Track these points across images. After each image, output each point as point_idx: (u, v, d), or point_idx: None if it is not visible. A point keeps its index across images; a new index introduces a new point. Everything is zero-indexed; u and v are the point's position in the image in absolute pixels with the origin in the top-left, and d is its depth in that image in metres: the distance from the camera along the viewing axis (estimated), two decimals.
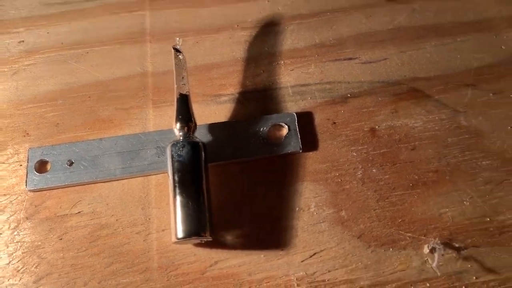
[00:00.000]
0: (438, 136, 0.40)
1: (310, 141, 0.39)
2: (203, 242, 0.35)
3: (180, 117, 0.36)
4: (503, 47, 0.44)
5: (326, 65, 0.43)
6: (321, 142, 0.39)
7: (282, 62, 0.43)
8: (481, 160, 0.39)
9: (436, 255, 0.35)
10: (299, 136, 0.39)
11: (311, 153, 0.39)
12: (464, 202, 0.37)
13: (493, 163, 0.38)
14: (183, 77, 0.38)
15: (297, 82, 0.42)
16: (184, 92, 0.37)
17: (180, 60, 0.39)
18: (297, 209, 0.37)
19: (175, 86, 0.38)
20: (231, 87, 0.42)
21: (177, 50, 0.40)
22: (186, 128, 0.36)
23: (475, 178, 0.38)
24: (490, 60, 0.43)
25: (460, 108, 0.41)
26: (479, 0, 0.47)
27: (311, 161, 0.38)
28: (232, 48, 0.44)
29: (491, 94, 0.42)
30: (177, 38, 0.41)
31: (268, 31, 0.45)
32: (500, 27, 0.45)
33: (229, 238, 0.36)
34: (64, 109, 0.41)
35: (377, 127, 0.40)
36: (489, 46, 0.44)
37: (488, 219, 0.36)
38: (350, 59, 0.43)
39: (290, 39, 0.45)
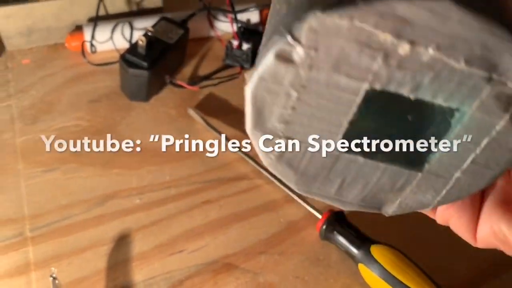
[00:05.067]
0: None
1: None
2: None
3: None
4: (281, 220, 0.67)
5: (165, 259, 0.62)
6: None
7: (134, 264, 0.61)
8: None
9: None
10: None
11: None
12: None
13: None
14: None
15: (146, 277, 0.60)
16: None
17: (57, 284, 0.55)
18: None
19: None
20: None
21: (54, 278, 0.56)
22: None
23: None
24: (274, 230, 0.65)
25: (258, 270, 0.61)
26: (266, 190, 0.70)
27: None
28: (96, 262, 0.61)
29: (276, 256, 0.63)
30: (52, 268, 0.57)
31: (121, 243, 0.63)
32: (278, 206, 0.68)
33: None
34: None
35: None
36: (271, 221, 0.66)
37: None
38: (181, 251, 0.63)
39: (138, 245, 0.63)
